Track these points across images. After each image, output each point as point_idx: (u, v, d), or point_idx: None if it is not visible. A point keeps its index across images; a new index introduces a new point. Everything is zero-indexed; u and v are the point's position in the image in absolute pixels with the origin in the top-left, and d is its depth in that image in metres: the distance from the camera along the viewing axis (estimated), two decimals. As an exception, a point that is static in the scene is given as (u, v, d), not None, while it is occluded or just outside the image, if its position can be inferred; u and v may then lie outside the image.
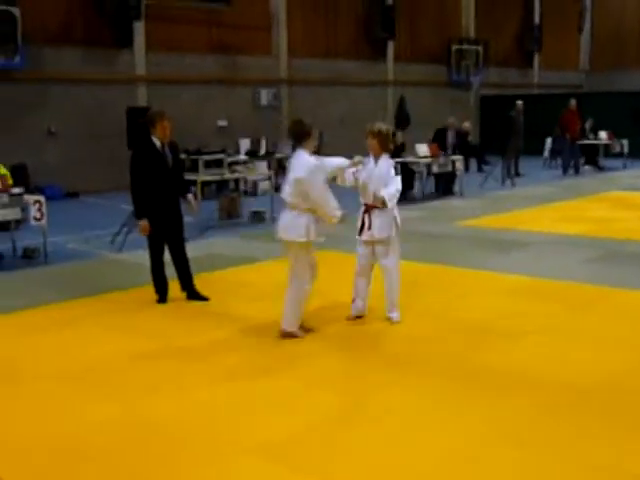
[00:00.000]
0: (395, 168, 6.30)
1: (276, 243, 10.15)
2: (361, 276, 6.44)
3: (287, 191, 5.90)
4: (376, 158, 6.26)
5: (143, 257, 7.45)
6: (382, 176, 6.18)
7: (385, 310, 6.43)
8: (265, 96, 19.95)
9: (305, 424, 4.41)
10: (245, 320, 6.57)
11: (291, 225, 5.89)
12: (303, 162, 5.82)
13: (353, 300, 6.48)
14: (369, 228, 6.24)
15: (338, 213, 5.88)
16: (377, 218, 6.24)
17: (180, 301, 7.21)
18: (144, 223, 6.96)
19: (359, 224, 6.30)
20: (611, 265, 8.63)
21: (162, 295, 7.25)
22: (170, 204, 7.08)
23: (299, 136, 5.91)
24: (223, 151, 14.27)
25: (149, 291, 7.33)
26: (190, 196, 7.39)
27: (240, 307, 7.00)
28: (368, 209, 6.24)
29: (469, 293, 7.36)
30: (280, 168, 17.38)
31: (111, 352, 5.78)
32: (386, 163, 6.23)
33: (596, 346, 5.77)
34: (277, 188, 16.22)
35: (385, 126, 6.32)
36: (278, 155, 16.94)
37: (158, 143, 6.99)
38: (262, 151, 16.64)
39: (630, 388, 4.92)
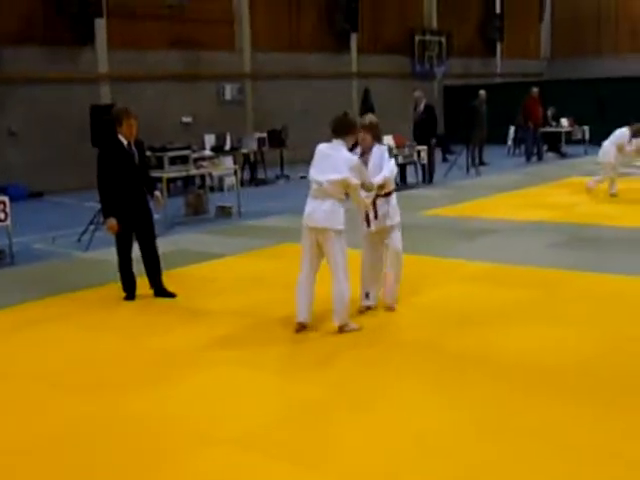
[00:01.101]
0: (389, 151, 6.37)
1: (242, 238, 10.43)
2: (371, 269, 6.45)
3: (325, 180, 5.74)
4: (369, 149, 6.20)
5: (110, 255, 7.46)
6: (378, 164, 6.17)
7: (385, 298, 6.48)
8: (229, 91, 19.93)
9: (283, 413, 4.48)
10: (213, 314, 6.62)
11: (331, 213, 5.73)
12: (345, 157, 5.74)
13: (366, 295, 6.47)
14: (375, 217, 6.23)
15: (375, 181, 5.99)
16: (382, 206, 6.25)
17: (148, 298, 7.23)
18: (112, 222, 6.96)
19: (363, 216, 6.27)
20: (574, 249, 8.81)
21: (130, 292, 7.27)
22: (138, 201, 7.11)
23: (343, 129, 5.80)
24: (188, 147, 14.24)
25: (117, 288, 7.34)
26: (157, 193, 7.43)
27: (208, 302, 7.04)
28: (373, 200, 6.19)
29: (436, 281, 7.48)
30: (246, 163, 17.47)
31: (83, 350, 5.79)
32: (379, 151, 6.22)
33: (564, 328, 5.90)
34: (243, 183, 16.45)
35: (374, 118, 6.34)
36: (243, 150, 16.96)
37: (124, 141, 7.01)
38: (227, 146, 16.63)
39: (602, 367, 5.06)
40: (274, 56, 20.89)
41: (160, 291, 7.27)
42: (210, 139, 16.62)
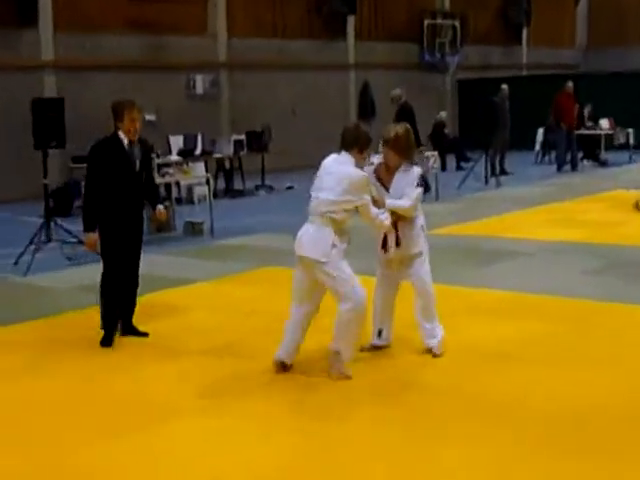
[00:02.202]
0: (421, 177, 6.28)
1: (216, 261, 10.48)
2: (385, 301, 6.52)
3: (316, 197, 5.90)
4: (393, 170, 6.16)
5: (55, 280, 7.50)
6: (399, 192, 6.16)
7: (422, 337, 6.48)
8: (201, 83, 20.09)
9: (272, 473, 4.54)
10: (187, 354, 6.66)
11: (317, 240, 5.84)
12: (346, 173, 5.78)
13: (379, 332, 6.52)
14: (397, 244, 6.26)
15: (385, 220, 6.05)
16: (404, 231, 6.28)
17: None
18: (92, 237, 6.89)
19: (380, 240, 6.34)
20: (613, 276, 8.90)
21: (109, 334, 6.92)
22: (133, 217, 6.95)
23: (349, 141, 5.86)
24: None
25: (61, 322, 7.35)
26: (161, 207, 7.32)
27: (180, 338, 7.08)
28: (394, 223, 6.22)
29: (445, 313, 7.53)
30: (220, 170, 17.57)
31: (20, 398, 5.83)
32: (405, 176, 6.15)
33: (597, 371, 5.97)
34: (216, 194, 16.54)
35: (401, 128, 6.18)
36: (217, 155, 17.07)
37: (125, 140, 6.87)
38: (198, 150, 16.73)
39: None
40: (254, 42, 21.08)
41: (129, 328, 7.15)
42: (177, 141, 16.72)
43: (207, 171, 15.04)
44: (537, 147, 22.22)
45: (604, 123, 21.37)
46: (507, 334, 6.93)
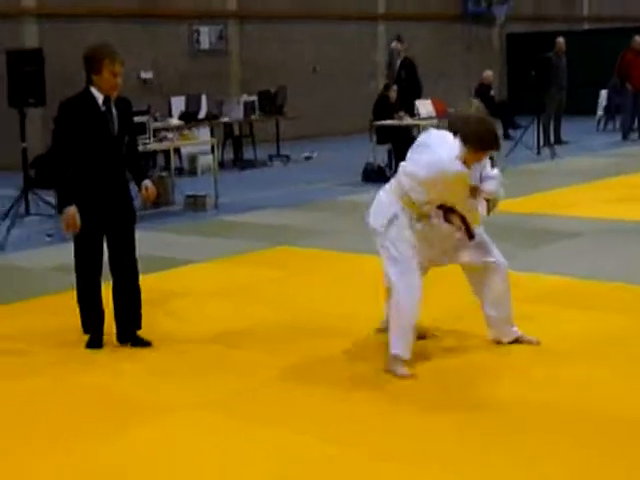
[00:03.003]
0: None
1: (222, 238, 10.43)
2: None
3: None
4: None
5: (33, 259, 7.49)
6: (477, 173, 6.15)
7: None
8: (207, 37, 20.05)
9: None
10: (184, 344, 6.61)
11: (376, 207, 6.11)
12: (439, 156, 5.76)
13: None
14: (470, 236, 6.23)
15: None
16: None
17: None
18: (70, 212, 6.32)
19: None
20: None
21: (96, 334, 6.54)
22: (114, 190, 6.44)
23: (467, 137, 5.80)
24: (147, 111, 14.18)
25: (44, 307, 7.29)
26: (148, 182, 6.68)
27: (176, 326, 7.06)
28: None
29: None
30: (229, 137, 17.49)
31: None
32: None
33: None
34: (223, 164, 16.49)
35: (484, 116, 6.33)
36: (225, 119, 16.97)
37: (101, 98, 6.34)
38: (202, 113, 16.65)
39: None
40: (270, -12, 21.00)
41: (129, 336, 6.61)
42: (179, 103, 16.65)
43: (213, 137, 14.95)
44: (599, 112, 22.07)
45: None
46: (573, 328, 6.76)
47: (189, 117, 16.12)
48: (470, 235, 6.14)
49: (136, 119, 13.34)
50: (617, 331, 6.67)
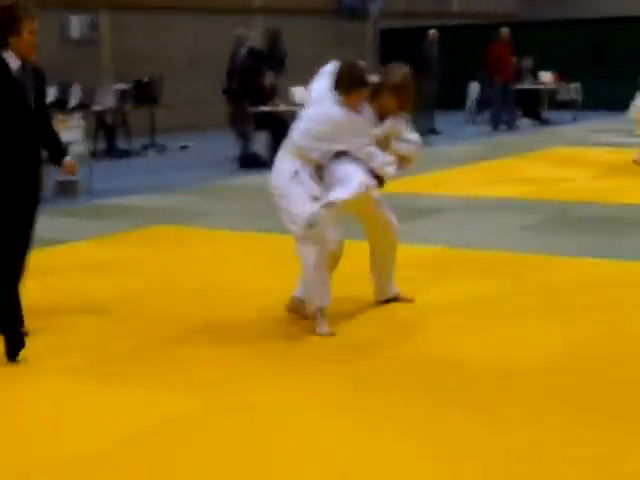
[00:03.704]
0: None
1: (95, 220, 10.29)
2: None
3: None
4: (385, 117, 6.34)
5: None
6: None
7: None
8: (77, 26, 19.71)
9: (132, 433, 4.44)
10: (46, 310, 6.50)
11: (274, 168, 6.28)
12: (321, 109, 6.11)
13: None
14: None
15: None
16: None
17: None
18: None
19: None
20: (554, 231, 9.11)
21: (14, 331, 5.55)
22: (28, 171, 5.66)
23: (339, 82, 6.10)
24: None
25: None
26: (69, 159, 5.99)
27: (42, 293, 6.86)
28: None
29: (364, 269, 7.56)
30: (101, 126, 17.18)
31: None
32: (399, 122, 6.42)
33: (533, 323, 6.11)
34: (96, 154, 16.15)
35: (409, 74, 6.37)
36: (96, 107, 16.66)
37: (15, 62, 5.57)
38: (74, 102, 16.31)
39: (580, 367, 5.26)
40: (142, -22, 20.79)
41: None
42: (50, 92, 16.28)
43: (83, 125, 14.68)
44: (469, 104, 22.36)
45: (546, 76, 21.57)
46: (442, 291, 7.03)
47: (59, 105, 15.76)
48: (380, 182, 6.32)
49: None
50: (485, 292, 6.93)
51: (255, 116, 14.97)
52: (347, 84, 6.05)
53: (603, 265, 7.65)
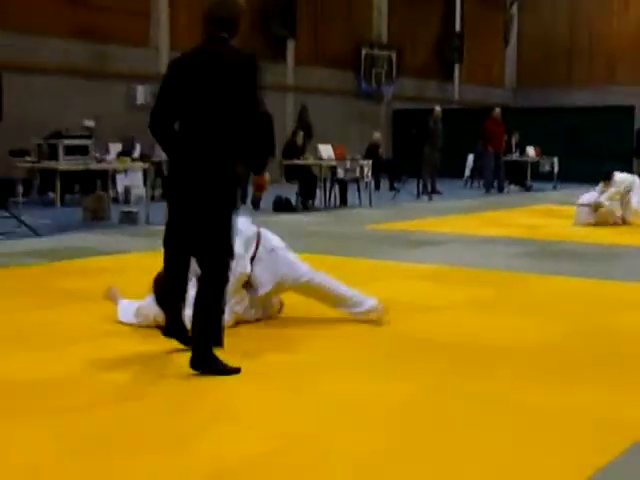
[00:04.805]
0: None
1: (150, 240, 10.52)
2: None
3: None
4: None
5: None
6: None
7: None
8: (142, 94, 20.03)
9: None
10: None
11: None
12: None
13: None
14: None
15: None
16: None
17: None
18: None
19: None
20: (535, 259, 9.32)
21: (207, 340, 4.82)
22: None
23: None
24: (89, 136, 14.21)
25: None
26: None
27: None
28: None
29: (382, 278, 7.87)
30: (158, 175, 17.48)
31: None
32: None
33: (521, 318, 6.32)
34: (153, 198, 16.42)
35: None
36: (155, 158, 17.00)
37: None
38: (136, 153, 16.70)
39: (560, 347, 5.49)
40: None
41: None
42: (116, 148, 16.64)
43: (145, 173, 15.03)
44: (467, 172, 22.69)
45: (531, 151, 21.96)
46: (438, 293, 7.27)
47: (125, 155, 16.13)
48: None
49: (78, 142, 13.55)
50: (476, 296, 7.19)
51: (286, 168, 15.30)
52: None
53: (572, 282, 7.85)
